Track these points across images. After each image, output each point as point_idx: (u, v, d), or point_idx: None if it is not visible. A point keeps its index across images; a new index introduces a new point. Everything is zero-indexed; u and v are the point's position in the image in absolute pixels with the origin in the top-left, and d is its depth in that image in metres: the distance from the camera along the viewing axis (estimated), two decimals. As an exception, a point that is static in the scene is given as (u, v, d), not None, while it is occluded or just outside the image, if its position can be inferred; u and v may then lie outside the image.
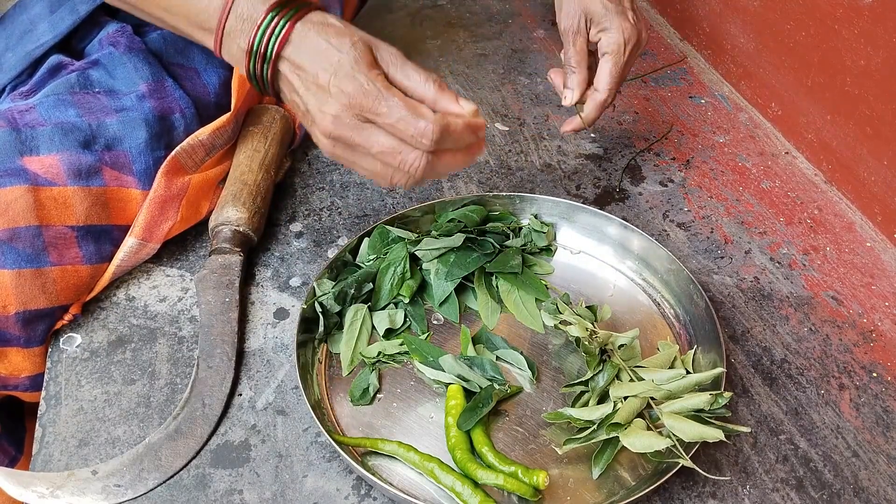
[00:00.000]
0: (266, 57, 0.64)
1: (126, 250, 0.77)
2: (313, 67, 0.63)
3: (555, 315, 0.76)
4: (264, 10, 0.63)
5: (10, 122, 0.74)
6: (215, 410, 0.69)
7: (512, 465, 0.64)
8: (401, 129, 0.61)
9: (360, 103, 0.61)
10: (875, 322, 0.81)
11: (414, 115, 0.61)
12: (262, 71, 0.65)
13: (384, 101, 0.61)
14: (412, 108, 0.61)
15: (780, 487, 0.67)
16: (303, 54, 0.63)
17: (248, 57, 0.65)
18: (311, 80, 0.63)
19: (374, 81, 0.62)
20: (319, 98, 0.63)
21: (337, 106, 0.62)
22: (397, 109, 0.61)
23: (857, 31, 0.88)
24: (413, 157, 0.63)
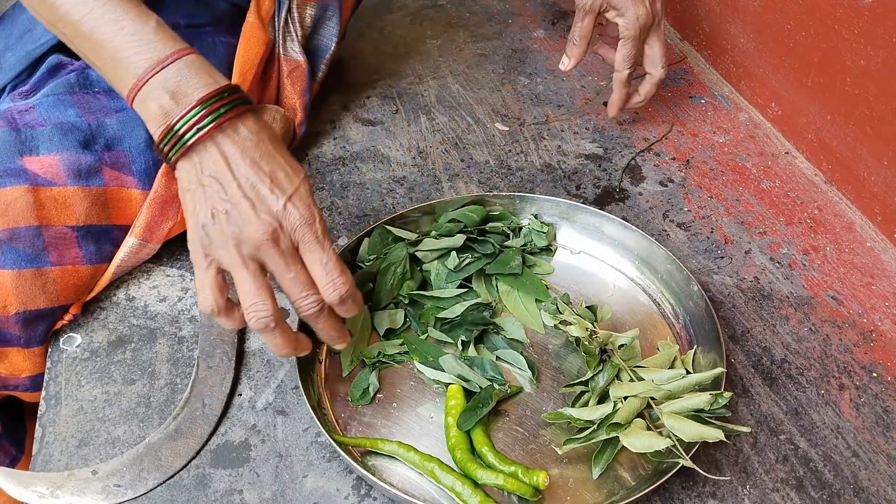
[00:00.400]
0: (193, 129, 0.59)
1: (126, 250, 0.77)
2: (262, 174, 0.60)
3: (555, 315, 0.76)
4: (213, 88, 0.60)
5: (9, 122, 0.74)
6: (215, 410, 0.69)
7: (512, 465, 0.64)
8: (326, 271, 0.61)
9: (305, 234, 0.61)
10: (875, 322, 0.81)
11: (341, 270, 0.62)
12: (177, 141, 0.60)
13: (325, 243, 0.62)
14: (341, 262, 0.62)
15: (780, 487, 0.67)
16: (251, 153, 0.60)
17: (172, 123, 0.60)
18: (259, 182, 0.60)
19: (321, 222, 0.62)
20: (267, 205, 0.60)
21: (287, 223, 0.60)
22: (332, 256, 0.62)
23: (857, 31, 0.88)
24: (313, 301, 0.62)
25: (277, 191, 0.60)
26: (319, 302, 0.62)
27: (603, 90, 1.13)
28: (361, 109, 1.06)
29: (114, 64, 0.63)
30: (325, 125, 1.03)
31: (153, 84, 0.61)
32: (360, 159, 0.98)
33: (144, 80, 0.61)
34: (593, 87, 1.14)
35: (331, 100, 1.07)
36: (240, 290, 0.61)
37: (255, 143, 0.61)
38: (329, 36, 0.96)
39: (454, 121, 1.05)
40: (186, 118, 0.60)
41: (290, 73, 0.91)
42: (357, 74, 1.13)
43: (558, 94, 1.11)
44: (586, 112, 1.08)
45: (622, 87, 0.94)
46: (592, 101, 1.11)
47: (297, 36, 0.91)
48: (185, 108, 0.60)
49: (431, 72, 1.15)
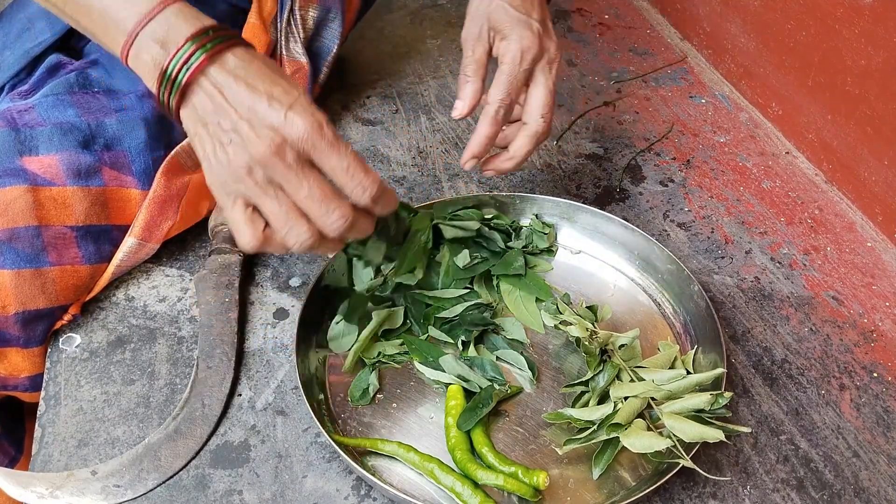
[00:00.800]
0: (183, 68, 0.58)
1: (125, 250, 0.77)
2: (259, 93, 0.57)
3: (555, 315, 0.76)
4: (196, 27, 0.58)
5: (9, 122, 0.74)
6: (215, 411, 0.69)
7: (512, 466, 0.64)
8: (348, 176, 0.58)
9: (315, 141, 0.57)
10: (876, 322, 0.81)
11: (365, 169, 0.58)
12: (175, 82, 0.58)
13: (339, 146, 0.58)
14: (361, 161, 0.59)
15: (780, 488, 0.67)
16: (245, 78, 0.58)
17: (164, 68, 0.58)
18: (256, 102, 0.57)
19: (329, 125, 0.58)
20: (267, 120, 0.57)
21: (290, 134, 0.57)
22: (350, 157, 0.58)
23: (857, 31, 0.88)
24: (338, 214, 0.58)
25: (276, 104, 0.57)
26: (346, 216, 0.58)
27: (603, 90, 1.13)
28: (361, 109, 1.06)
29: (104, 25, 0.61)
30: (325, 125, 1.03)
31: (143, 37, 0.59)
32: (359, 159, 0.98)
33: (134, 35, 0.59)
34: (593, 87, 1.14)
35: (331, 100, 1.07)
36: (269, 220, 0.58)
37: (246, 68, 0.58)
38: (331, 38, 0.96)
39: (454, 121, 1.05)
40: (176, 58, 0.58)
41: (293, 74, 0.91)
42: (357, 74, 1.13)
43: (559, 94, 1.11)
44: (586, 112, 1.08)
45: (487, 125, 0.74)
46: (592, 101, 1.10)
47: (300, 37, 0.91)
48: (174, 48, 0.58)
49: (431, 71, 1.15)
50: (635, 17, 1.30)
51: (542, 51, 0.74)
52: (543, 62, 0.75)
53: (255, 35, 0.86)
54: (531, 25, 0.74)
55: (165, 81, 0.58)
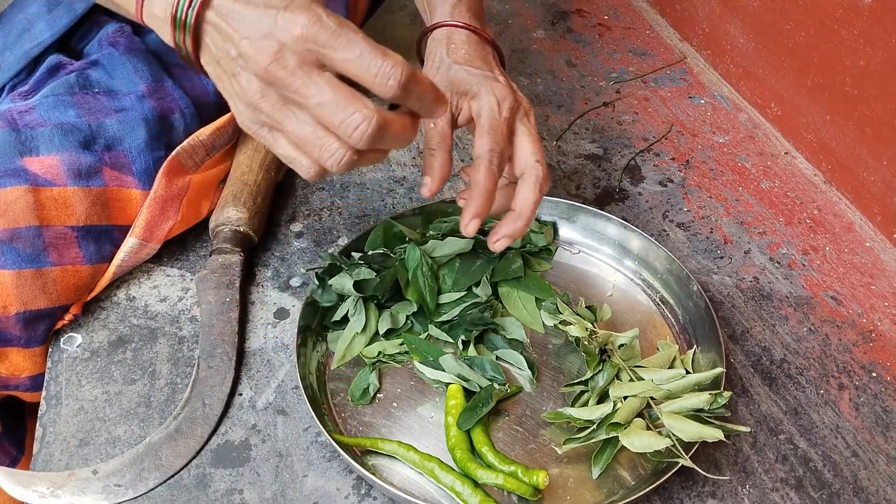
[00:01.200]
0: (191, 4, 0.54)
1: (126, 250, 0.77)
2: (256, 6, 0.53)
3: (555, 315, 0.77)
4: None
5: (9, 122, 0.74)
6: (216, 410, 0.69)
7: (512, 465, 0.64)
8: (363, 65, 0.51)
9: (317, 35, 0.51)
10: (874, 322, 0.81)
11: (382, 54, 0.51)
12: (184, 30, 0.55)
13: (346, 34, 0.51)
14: (376, 46, 0.52)
15: (779, 487, 0.67)
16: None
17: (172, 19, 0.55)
18: (253, 18, 0.52)
19: (330, 16, 0.51)
20: (261, 30, 0.52)
21: (285, 36, 0.51)
22: (361, 44, 0.51)
23: (856, 32, 0.88)
24: (360, 117, 0.51)
25: (271, 10, 0.52)
26: (368, 117, 0.51)
27: (602, 90, 1.13)
28: (361, 109, 1.06)
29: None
30: (325, 125, 1.03)
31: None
32: (360, 159, 0.98)
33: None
34: (593, 87, 1.14)
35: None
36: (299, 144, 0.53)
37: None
38: None
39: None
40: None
41: None
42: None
43: (558, 95, 1.11)
44: (586, 112, 1.08)
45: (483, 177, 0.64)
46: (592, 102, 1.11)
47: None
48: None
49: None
50: (635, 18, 1.30)
51: (517, 101, 0.69)
52: (520, 113, 0.69)
53: None
54: (497, 79, 0.70)
55: (178, 27, 0.56)
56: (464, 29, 0.74)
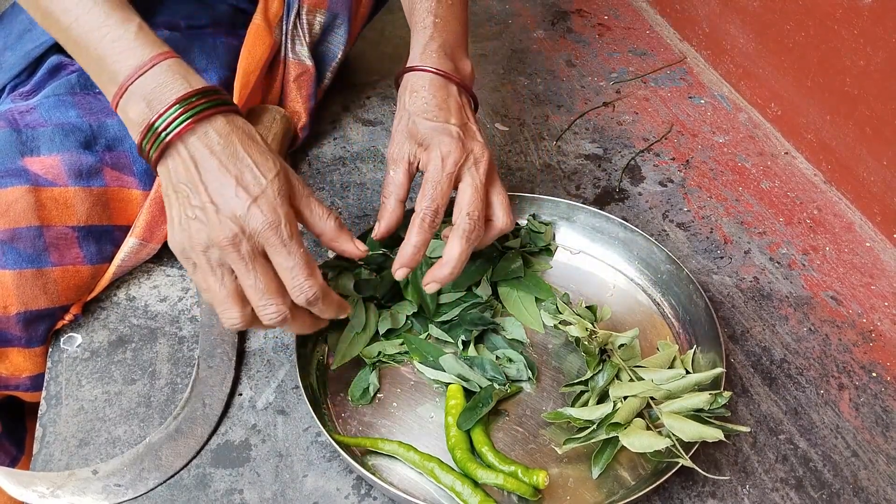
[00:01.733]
0: (168, 130, 0.60)
1: (127, 250, 0.77)
2: (229, 176, 0.60)
3: (554, 315, 0.77)
4: (184, 90, 0.61)
5: (10, 122, 0.74)
6: (216, 410, 0.69)
7: (512, 465, 0.64)
8: (291, 276, 0.61)
9: (269, 238, 0.59)
10: (874, 322, 0.81)
11: (309, 272, 0.61)
12: (154, 142, 0.61)
13: (291, 246, 0.60)
14: (310, 265, 0.61)
15: (779, 487, 0.67)
16: (220, 155, 0.60)
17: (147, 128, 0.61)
18: (225, 186, 0.59)
19: (289, 224, 0.60)
20: (229, 207, 0.59)
21: (248, 227, 0.59)
22: (298, 259, 0.60)
23: (856, 32, 0.88)
24: (273, 309, 0.61)
25: (243, 193, 0.59)
26: (281, 312, 0.61)
27: (602, 90, 1.13)
28: (361, 109, 1.07)
29: (99, 71, 0.64)
30: (326, 125, 1.03)
31: (132, 91, 0.61)
32: (360, 159, 0.98)
33: (125, 89, 0.62)
34: (593, 87, 1.14)
35: (331, 100, 1.07)
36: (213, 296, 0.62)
37: (223, 145, 0.60)
38: (337, 43, 0.96)
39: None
40: (163, 118, 0.60)
41: (298, 77, 0.91)
42: (357, 74, 1.13)
43: (558, 95, 1.11)
44: (586, 112, 1.08)
45: (415, 234, 0.70)
46: (592, 102, 1.11)
47: (306, 41, 0.91)
48: (162, 108, 0.60)
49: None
50: (635, 18, 1.30)
51: (465, 152, 0.71)
52: (469, 163, 0.72)
53: (258, 36, 0.86)
54: (450, 131, 0.72)
55: (150, 134, 0.61)
56: (428, 73, 0.75)
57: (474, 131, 0.74)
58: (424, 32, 0.78)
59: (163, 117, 0.60)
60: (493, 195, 0.73)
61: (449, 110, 0.73)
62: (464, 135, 0.72)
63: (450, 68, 0.76)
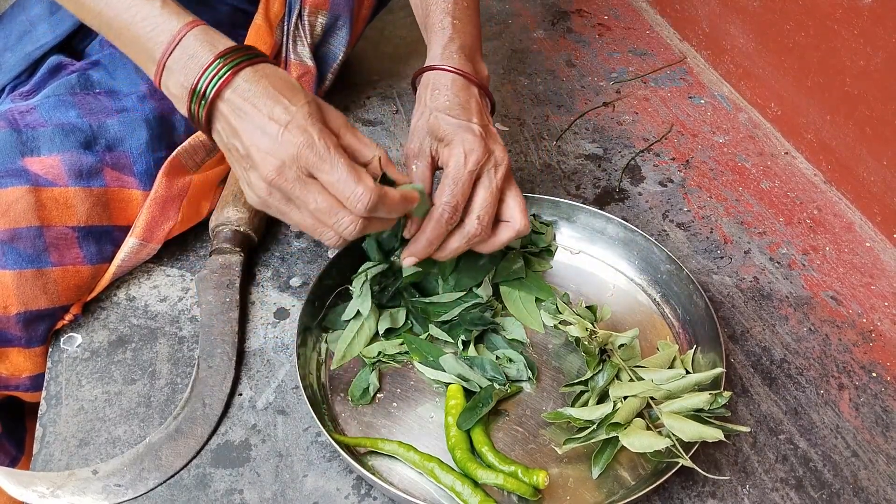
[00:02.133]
0: (205, 96, 0.62)
1: (127, 251, 0.77)
2: (262, 114, 0.61)
3: (555, 315, 0.77)
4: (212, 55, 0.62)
5: (10, 122, 0.74)
6: (216, 410, 0.69)
7: (512, 465, 0.64)
8: (340, 189, 0.61)
9: (308, 157, 0.60)
10: (874, 322, 0.81)
11: (355, 180, 0.61)
12: (199, 108, 0.63)
13: (331, 160, 0.61)
14: (355, 172, 0.61)
15: (779, 487, 0.67)
16: (251, 99, 0.61)
17: (190, 96, 0.63)
18: (259, 126, 0.61)
19: (324, 139, 0.61)
20: (265, 145, 0.61)
21: (285, 155, 0.60)
22: (341, 171, 0.61)
23: (856, 32, 0.88)
24: (347, 221, 0.62)
25: (273, 126, 0.60)
26: (354, 222, 0.62)
27: (602, 90, 1.13)
28: (361, 109, 1.07)
29: (138, 52, 0.66)
30: (326, 125, 1.03)
31: (169, 67, 0.63)
32: (360, 159, 0.98)
33: (162, 66, 0.64)
34: (593, 87, 1.14)
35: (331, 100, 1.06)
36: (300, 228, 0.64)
37: (254, 91, 0.61)
38: (338, 45, 0.96)
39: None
40: (205, 76, 0.62)
41: (299, 78, 0.91)
42: (357, 74, 1.13)
43: (558, 95, 1.11)
44: (586, 112, 1.08)
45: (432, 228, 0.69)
46: (592, 102, 1.11)
47: (307, 41, 0.91)
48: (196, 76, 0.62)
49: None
50: (634, 18, 1.30)
51: (488, 153, 0.71)
52: (490, 164, 0.71)
53: (259, 36, 0.86)
54: (473, 130, 0.72)
55: (195, 98, 0.63)
56: (450, 73, 0.75)
57: (495, 134, 0.74)
58: (443, 33, 0.78)
59: (205, 75, 0.62)
60: (510, 197, 0.73)
61: (471, 111, 0.74)
62: (486, 135, 0.72)
63: (470, 70, 0.76)
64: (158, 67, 0.64)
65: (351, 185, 0.61)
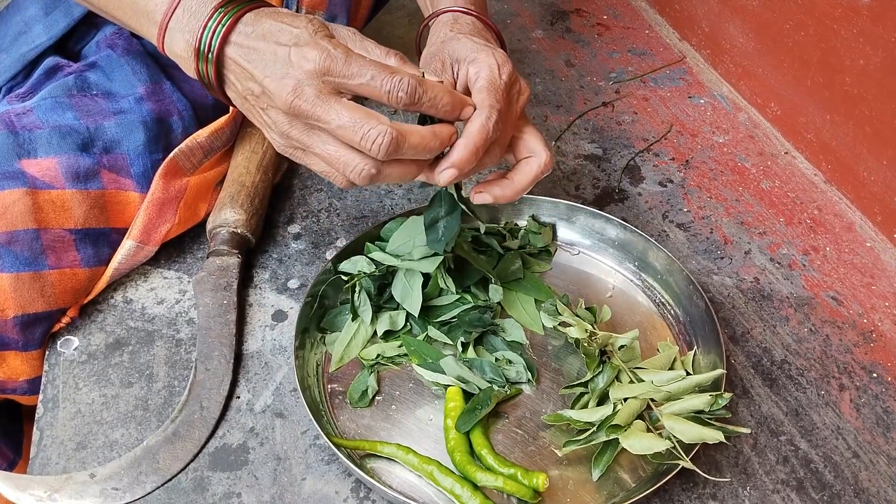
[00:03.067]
0: (210, 48, 0.60)
1: (124, 253, 0.77)
2: (269, 44, 0.58)
3: (554, 316, 0.76)
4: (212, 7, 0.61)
5: (7, 125, 0.74)
6: (213, 413, 0.69)
7: (511, 468, 0.63)
8: (376, 86, 0.56)
9: (328, 67, 0.56)
10: (875, 322, 0.81)
11: (389, 72, 0.56)
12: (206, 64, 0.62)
13: (353, 61, 0.56)
14: (383, 66, 0.56)
15: (780, 489, 0.66)
16: (256, 35, 0.59)
17: (196, 53, 0.61)
18: (269, 56, 0.58)
19: (337, 47, 0.57)
20: (278, 70, 0.57)
21: (300, 73, 0.56)
22: (369, 67, 0.56)
23: (856, 31, 0.88)
24: (382, 128, 0.56)
25: (283, 49, 0.57)
26: (385, 132, 0.56)
27: (602, 90, 1.13)
28: (360, 111, 1.06)
29: (138, 18, 0.65)
30: (324, 126, 1.03)
31: (171, 28, 0.63)
32: (358, 161, 0.98)
33: (164, 29, 0.63)
34: (592, 87, 1.13)
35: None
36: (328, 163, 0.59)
37: (256, 31, 0.60)
38: None
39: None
40: (206, 31, 0.60)
41: None
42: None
43: (557, 95, 1.11)
44: (585, 113, 1.08)
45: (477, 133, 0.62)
46: (591, 102, 1.10)
47: None
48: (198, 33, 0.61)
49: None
50: (634, 18, 1.30)
51: (515, 73, 0.67)
52: (515, 88, 0.67)
53: None
54: (498, 50, 0.69)
55: (201, 56, 0.61)
56: (469, 14, 0.75)
57: None
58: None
59: (206, 30, 0.60)
60: (528, 132, 0.68)
61: (491, 40, 0.73)
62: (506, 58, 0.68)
63: (485, 17, 0.76)
64: (161, 30, 0.63)
65: (386, 75, 0.56)
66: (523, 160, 0.69)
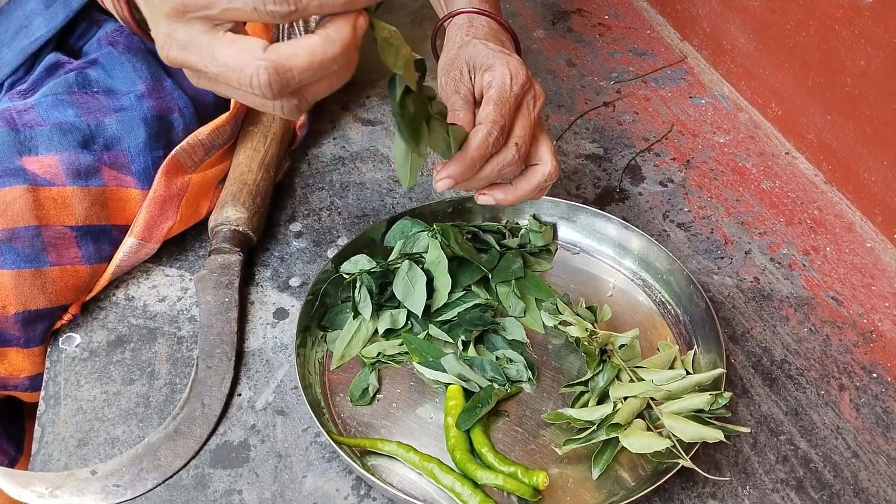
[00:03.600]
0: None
1: (125, 250, 0.77)
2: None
3: (555, 315, 0.76)
4: None
5: (8, 121, 0.74)
6: (214, 410, 0.69)
7: (511, 466, 0.64)
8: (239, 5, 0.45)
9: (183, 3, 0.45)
10: (875, 322, 0.81)
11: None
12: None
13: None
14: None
15: (779, 488, 0.67)
16: None
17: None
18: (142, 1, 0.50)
19: None
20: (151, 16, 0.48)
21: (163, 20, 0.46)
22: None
23: (857, 32, 0.88)
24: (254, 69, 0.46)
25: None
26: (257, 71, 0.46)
27: (603, 90, 1.13)
28: (361, 109, 1.06)
29: None
30: (325, 125, 1.03)
31: None
32: (359, 159, 0.98)
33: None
34: (593, 87, 1.14)
35: (330, 99, 1.07)
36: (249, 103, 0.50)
37: None
38: None
39: (454, 121, 1.05)
40: None
41: None
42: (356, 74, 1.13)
43: (558, 95, 1.11)
44: (586, 112, 1.08)
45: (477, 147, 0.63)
46: (592, 102, 1.10)
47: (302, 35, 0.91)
48: None
49: (431, 71, 1.15)
50: (635, 18, 1.30)
51: (530, 81, 0.68)
52: (530, 95, 0.68)
53: (254, 32, 0.86)
54: (513, 57, 0.69)
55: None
56: (484, 16, 0.75)
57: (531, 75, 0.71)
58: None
59: None
60: (542, 140, 0.69)
61: (507, 46, 0.73)
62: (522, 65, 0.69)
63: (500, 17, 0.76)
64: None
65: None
66: (530, 167, 0.70)
